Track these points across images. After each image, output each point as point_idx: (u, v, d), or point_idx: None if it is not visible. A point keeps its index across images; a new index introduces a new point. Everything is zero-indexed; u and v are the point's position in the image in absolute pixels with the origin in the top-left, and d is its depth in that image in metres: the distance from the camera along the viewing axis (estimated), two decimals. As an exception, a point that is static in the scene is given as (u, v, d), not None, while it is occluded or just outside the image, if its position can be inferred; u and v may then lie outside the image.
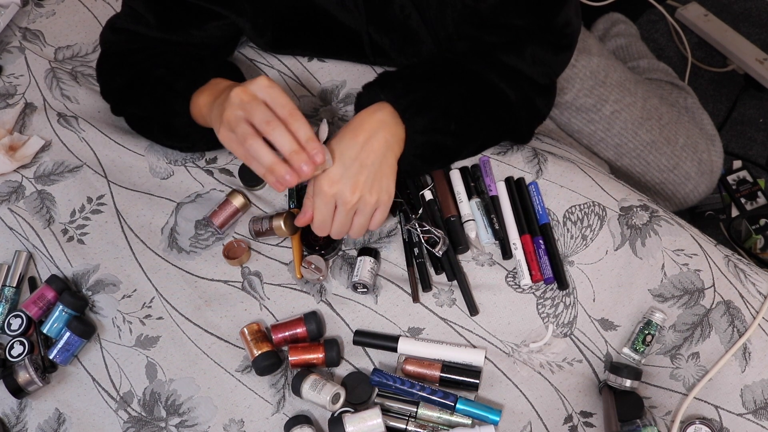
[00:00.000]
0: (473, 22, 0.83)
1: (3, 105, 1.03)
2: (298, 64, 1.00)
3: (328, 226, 0.76)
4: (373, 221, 0.77)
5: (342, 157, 0.74)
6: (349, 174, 0.73)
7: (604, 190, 0.87)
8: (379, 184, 0.75)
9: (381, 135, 0.75)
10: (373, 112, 0.77)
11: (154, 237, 0.90)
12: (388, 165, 0.76)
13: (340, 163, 0.74)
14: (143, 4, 0.88)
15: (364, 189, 0.74)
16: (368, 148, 0.74)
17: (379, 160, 0.75)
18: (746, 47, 1.53)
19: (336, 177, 0.73)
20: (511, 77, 0.83)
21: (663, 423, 0.76)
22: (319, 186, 0.74)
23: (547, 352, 0.79)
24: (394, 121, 0.77)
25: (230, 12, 0.89)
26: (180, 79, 0.83)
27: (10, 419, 0.83)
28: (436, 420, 0.76)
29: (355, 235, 0.78)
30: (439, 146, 0.82)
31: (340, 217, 0.75)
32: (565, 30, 0.84)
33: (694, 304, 0.81)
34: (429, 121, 0.79)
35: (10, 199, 0.95)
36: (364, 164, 0.74)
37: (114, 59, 0.93)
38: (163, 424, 0.79)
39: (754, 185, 1.42)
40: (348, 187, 0.73)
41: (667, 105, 1.17)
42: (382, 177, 0.75)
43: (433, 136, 0.80)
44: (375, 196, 0.75)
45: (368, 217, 0.76)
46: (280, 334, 0.80)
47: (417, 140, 0.79)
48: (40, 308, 0.85)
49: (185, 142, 0.91)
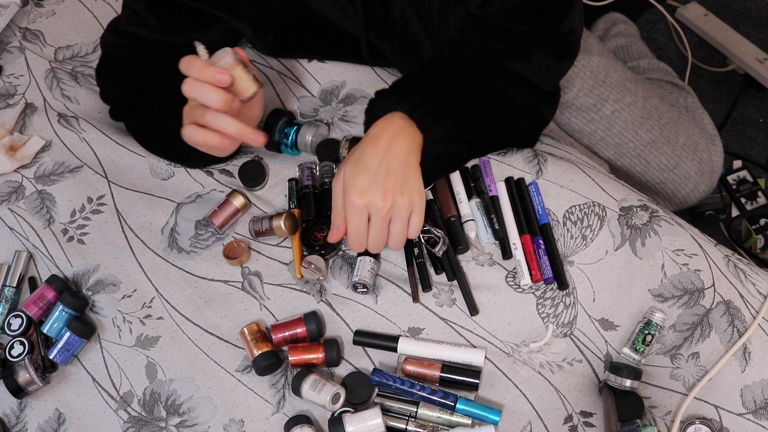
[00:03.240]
0: (478, 29, 0.83)
1: (3, 105, 1.03)
2: (297, 65, 1.00)
3: (364, 239, 0.75)
4: (411, 227, 0.76)
5: (367, 166, 0.74)
6: (377, 181, 0.73)
7: (604, 190, 0.87)
8: (409, 186, 0.75)
9: (401, 140, 0.76)
10: (390, 122, 0.77)
11: (154, 237, 0.90)
12: (412, 167, 0.76)
13: (365, 172, 0.73)
14: (145, 6, 0.88)
15: (395, 192, 0.73)
16: (391, 155, 0.74)
17: (403, 163, 0.75)
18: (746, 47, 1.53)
19: (364, 186, 0.73)
20: (517, 84, 0.84)
21: (663, 423, 0.76)
22: (349, 199, 0.74)
23: (547, 352, 0.80)
24: (411, 129, 0.77)
25: (231, 17, 0.89)
26: (179, 103, 0.83)
27: (10, 419, 0.83)
28: (436, 420, 0.76)
29: (395, 246, 0.76)
30: (454, 155, 0.83)
31: (376, 226, 0.74)
32: (569, 37, 0.84)
33: (694, 304, 0.81)
34: (447, 131, 0.79)
35: (10, 199, 0.95)
36: (390, 169, 0.74)
37: (115, 66, 0.93)
38: (163, 424, 0.79)
39: (754, 185, 1.42)
40: (378, 193, 0.73)
41: (668, 105, 1.17)
42: (410, 178, 0.75)
43: (450, 145, 0.81)
44: (407, 198, 0.74)
45: (405, 221, 0.75)
46: (280, 334, 0.80)
47: (434, 149, 0.79)
48: (40, 308, 0.85)
49: (184, 162, 0.94)
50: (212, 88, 0.73)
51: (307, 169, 0.91)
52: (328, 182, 0.89)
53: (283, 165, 0.93)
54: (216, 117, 0.74)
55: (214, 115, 0.74)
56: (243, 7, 0.88)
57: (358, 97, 0.97)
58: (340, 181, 0.76)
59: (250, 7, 0.88)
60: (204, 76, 0.72)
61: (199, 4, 0.87)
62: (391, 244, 0.76)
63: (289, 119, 0.92)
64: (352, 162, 0.75)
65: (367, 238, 0.75)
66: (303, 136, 0.90)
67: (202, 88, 0.73)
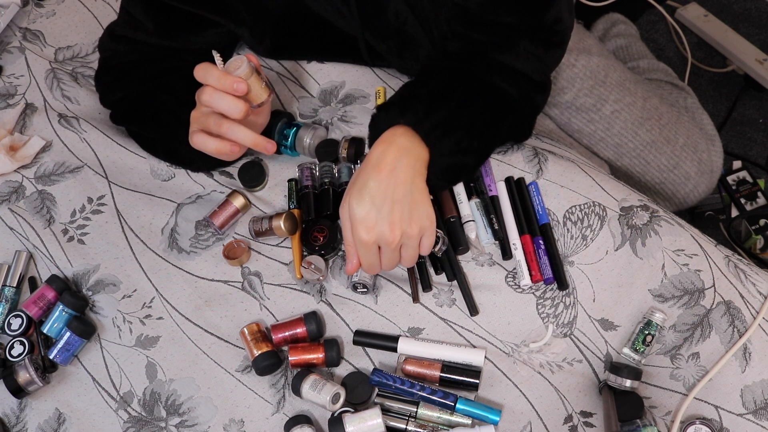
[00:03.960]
0: (463, 20, 0.82)
1: (3, 105, 1.03)
2: (296, 66, 1.00)
3: (377, 267, 0.75)
4: (422, 248, 0.75)
5: (372, 198, 0.72)
6: (383, 215, 0.71)
7: (604, 190, 0.87)
8: (417, 213, 0.73)
9: (405, 163, 0.73)
10: (392, 140, 0.75)
11: (154, 237, 0.90)
12: (419, 191, 0.74)
13: (371, 206, 0.71)
14: (143, 10, 0.89)
15: (403, 224, 0.72)
16: (395, 181, 0.72)
17: (408, 190, 0.73)
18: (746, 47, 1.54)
19: (371, 222, 0.71)
20: (509, 76, 0.82)
21: (663, 423, 0.76)
22: (357, 235, 0.72)
23: (547, 352, 0.80)
24: (415, 145, 0.75)
25: (228, 21, 0.89)
26: (184, 108, 0.83)
27: (10, 419, 0.83)
28: (436, 420, 0.76)
29: (408, 265, 0.77)
30: (462, 166, 0.81)
31: (387, 256, 0.74)
32: (555, 26, 0.83)
33: (694, 304, 0.81)
34: (454, 143, 0.77)
35: (10, 199, 0.95)
36: (396, 200, 0.72)
37: (115, 73, 0.94)
38: (163, 424, 0.79)
39: (753, 185, 1.42)
40: (386, 228, 0.71)
41: (667, 105, 1.17)
42: (418, 205, 0.73)
43: (458, 157, 0.79)
44: (416, 227, 0.73)
45: (416, 247, 0.75)
46: (280, 334, 0.80)
47: (442, 163, 0.78)
48: (41, 308, 0.85)
49: (189, 166, 0.94)
50: (233, 99, 0.74)
51: (307, 169, 0.91)
52: (328, 182, 0.89)
53: (283, 165, 0.93)
54: (232, 127, 0.76)
55: (230, 125, 0.76)
56: (240, 12, 0.88)
57: (358, 97, 0.97)
58: (346, 212, 0.74)
59: (248, 11, 0.88)
60: (222, 85, 0.74)
61: (196, 9, 0.88)
62: (405, 264, 0.77)
63: (288, 120, 0.92)
64: (356, 192, 0.73)
65: (380, 265, 0.75)
66: (301, 139, 0.90)
67: (222, 98, 0.74)
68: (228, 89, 0.74)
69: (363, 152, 0.92)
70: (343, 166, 0.90)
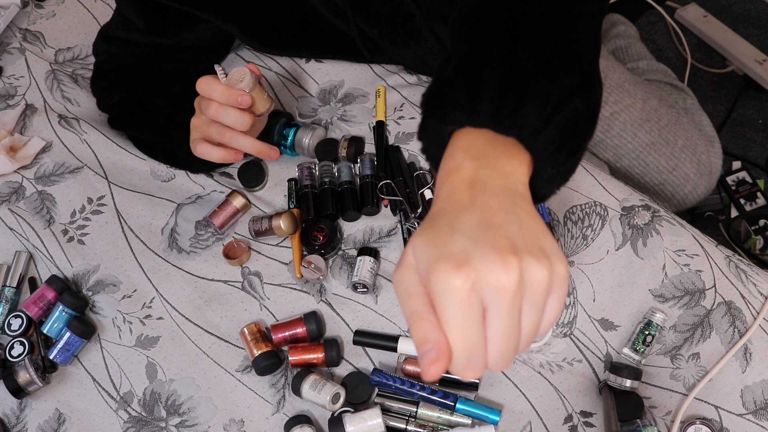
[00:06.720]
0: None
1: (3, 106, 1.03)
2: (295, 66, 1.00)
3: (482, 352, 0.42)
4: (547, 315, 0.44)
5: (453, 226, 0.43)
6: (483, 240, 0.42)
7: (606, 189, 0.87)
8: (537, 241, 0.43)
9: (489, 179, 0.47)
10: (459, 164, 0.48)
11: (154, 237, 0.90)
12: (526, 213, 0.45)
13: (457, 233, 0.42)
14: (133, 9, 0.90)
15: (517, 247, 0.42)
16: (485, 198, 0.45)
17: (511, 207, 0.45)
18: (745, 48, 1.54)
19: (461, 253, 0.41)
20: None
21: (663, 423, 0.76)
22: (439, 281, 0.40)
23: (547, 352, 0.79)
24: (494, 146, 0.49)
25: (216, 18, 0.90)
26: (181, 111, 0.84)
27: (10, 419, 0.83)
28: (436, 420, 0.76)
29: (522, 349, 0.44)
30: (573, 117, 0.51)
31: (503, 323, 0.41)
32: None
33: (694, 304, 0.81)
34: (543, 93, 0.50)
35: (10, 199, 0.95)
36: (493, 223, 0.43)
37: (110, 77, 0.95)
38: (163, 424, 0.79)
39: (753, 186, 1.42)
40: (492, 257, 0.41)
41: (667, 106, 1.17)
42: (533, 229, 0.44)
43: (559, 111, 0.51)
44: (545, 263, 0.42)
45: (542, 306, 0.43)
46: (280, 334, 0.80)
47: (546, 137, 0.50)
48: (41, 308, 0.85)
49: (188, 168, 0.95)
50: (239, 113, 0.76)
51: (307, 168, 0.91)
52: (327, 182, 0.89)
53: (283, 165, 0.93)
54: (235, 136, 0.78)
55: (233, 134, 0.77)
56: (229, 9, 0.89)
57: (357, 96, 0.97)
58: (408, 267, 0.43)
59: (238, 7, 0.89)
60: (227, 100, 0.75)
61: (184, 7, 0.89)
62: (523, 338, 0.43)
63: (287, 120, 0.92)
64: (420, 232, 0.44)
65: (486, 348, 0.42)
66: (300, 139, 0.90)
67: (228, 112, 0.75)
68: (233, 103, 0.75)
69: (363, 151, 0.92)
70: (343, 165, 0.90)
